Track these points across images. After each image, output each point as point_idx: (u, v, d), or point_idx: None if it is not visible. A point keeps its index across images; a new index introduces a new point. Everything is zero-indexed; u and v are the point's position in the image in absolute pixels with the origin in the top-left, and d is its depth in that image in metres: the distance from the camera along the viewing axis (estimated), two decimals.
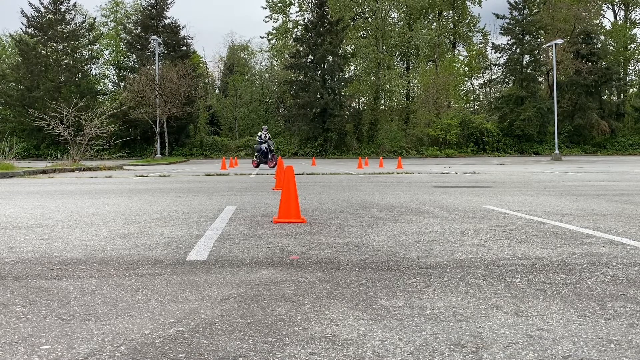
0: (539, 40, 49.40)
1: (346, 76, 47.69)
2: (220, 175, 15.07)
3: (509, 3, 50.27)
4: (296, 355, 1.82)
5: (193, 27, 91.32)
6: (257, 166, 21.36)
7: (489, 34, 57.77)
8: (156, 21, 47.03)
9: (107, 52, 54.80)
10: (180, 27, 47.52)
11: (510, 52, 50.67)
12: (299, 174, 14.67)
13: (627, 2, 55.02)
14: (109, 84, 54.73)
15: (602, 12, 54.86)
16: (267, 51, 56.82)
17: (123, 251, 3.69)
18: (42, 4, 45.74)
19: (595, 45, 50.09)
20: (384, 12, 51.96)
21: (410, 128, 49.04)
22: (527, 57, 50.21)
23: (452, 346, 1.90)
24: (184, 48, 47.24)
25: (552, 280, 2.85)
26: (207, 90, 54.97)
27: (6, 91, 45.75)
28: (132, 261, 3.36)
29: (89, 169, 18.71)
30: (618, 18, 56.47)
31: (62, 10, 46.56)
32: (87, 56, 48.90)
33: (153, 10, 47.36)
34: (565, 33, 46.72)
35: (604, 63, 50.10)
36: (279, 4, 54.03)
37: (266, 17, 54.67)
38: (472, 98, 58.37)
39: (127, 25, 49.54)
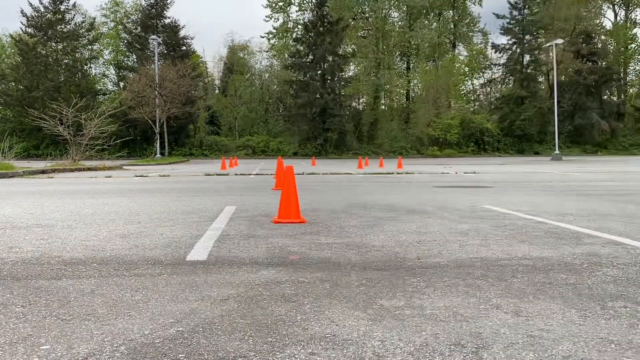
0: (539, 40, 49.42)
1: (346, 76, 47.70)
2: (220, 175, 15.06)
3: (509, 3, 50.31)
4: (296, 355, 1.82)
5: (193, 27, 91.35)
6: None
7: (489, 34, 57.80)
8: (156, 21, 47.04)
9: (106, 52, 54.80)
10: (180, 27, 47.56)
11: (510, 52, 50.71)
12: (299, 174, 14.66)
13: (628, 2, 55.00)
14: (109, 83, 54.76)
15: (602, 12, 54.91)
16: (266, 51, 56.86)
17: (123, 251, 3.68)
18: (41, 3, 45.74)
19: (596, 45, 50.11)
20: (384, 11, 51.96)
21: (411, 128, 49.04)
22: (527, 57, 50.25)
23: (452, 346, 1.89)
24: (184, 48, 47.24)
25: (553, 281, 2.85)
26: (207, 90, 54.96)
27: (6, 91, 45.75)
28: (132, 261, 3.36)
29: (89, 169, 18.71)
30: (618, 18, 56.48)
31: (62, 10, 46.56)
32: (86, 56, 48.91)
33: (153, 10, 47.37)
34: (566, 33, 46.73)
35: (604, 63, 50.14)
36: (280, 3, 54.02)
37: (266, 16, 54.75)
38: (472, 98, 58.38)
39: (126, 25, 49.55)
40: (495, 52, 52.66)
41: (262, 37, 59.51)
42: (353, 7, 51.62)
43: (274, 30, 54.53)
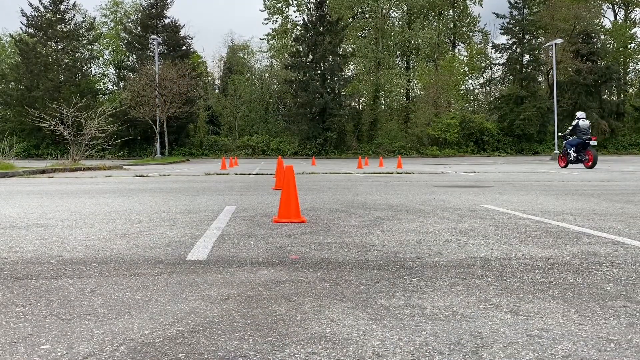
0: (539, 39, 49.42)
1: (346, 76, 47.69)
2: (220, 175, 15.07)
3: (509, 2, 50.29)
4: (296, 355, 1.82)
5: (193, 26, 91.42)
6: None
7: (489, 34, 57.82)
8: (156, 21, 47.06)
9: (106, 51, 54.86)
10: (180, 27, 47.55)
11: (510, 51, 50.71)
12: (299, 174, 14.67)
13: (627, 1, 54.98)
14: (109, 83, 54.84)
15: (602, 11, 54.87)
16: (265, 52, 56.87)
17: (123, 251, 3.69)
18: (41, 3, 45.77)
19: (595, 44, 50.07)
20: (383, 11, 51.96)
21: (410, 128, 49.03)
22: (527, 57, 50.24)
23: (452, 346, 1.90)
24: (184, 48, 47.26)
25: (552, 280, 2.85)
26: (206, 89, 54.96)
27: (6, 91, 45.79)
28: (132, 261, 3.36)
29: (89, 169, 18.71)
30: (618, 17, 56.46)
31: (62, 9, 46.60)
32: (86, 56, 48.94)
33: (153, 9, 47.37)
34: (565, 32, 46.69)
35: (604, 62, 50.09)
36: (277, 5, 54.00)
37: (265, 19, 54.70)
38: (471, 98, 58.37)
39: (126, 24, 49.57)
40: (495, 52, 52.70)
41: (262, 40, 59.57)
42: (353, 7, 51.60)
43: (273, 32, 54.51)
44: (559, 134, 20.67)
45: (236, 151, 45.40)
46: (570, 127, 18.91)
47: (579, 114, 19.12)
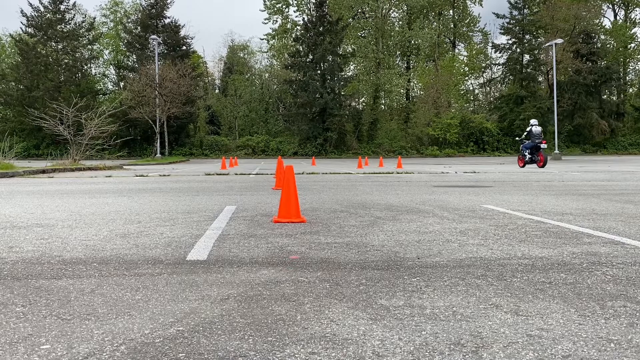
0: (539, 39, 49.43)
1: (346, 76, 47.69)
2: (220, 175, 15.07)
3: (509, 2, 50.32)
4: (296, 355, 1.82)
5: (193, 26, 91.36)
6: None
7: (489, 34, 57.82)
8: (156, 21, 47.04)
9: (107, 51, 54.84)
10: (180, 27, 47.53)
11: (510, 51, 50.72)
12: (299, 174, 14.66)
13: (627, 1, 54.97)
14: (109, 83, 54.82)
15: (602, 11, 54.86)
16: (265, 52, 56.87)
17: (123, 251, 3.69)
18: (41, 3, 45.75)
19: (595, 44, 50.07)
20: (383, 11, 51.95)
21: (410, 128, 49.03)
22: (527, 57, 50.25)
23: (452, 346, 1.90)
24: (184, 48, 47.24)
25: (552, 280, 2.85)
26: (206, 89, 54.95)
27: (6, 91, 45.77)
28: (132, 261, 3.36)
29: (89, 169, 18.71)
30: (618, 17, 56.45)
31: (62, 9, 46.59)
32: (86, 56, 48.92)
33: (153, 9, 47.35)
34: (565, 32, 46.68)
35: (604, 62, 50.09)
36: (277, 5, 54.00)
37: (265, 19, 54.70)
38: (471, 98, 58.37)
39: (126, 24, 49.54)
40: (495, 52, 52.74)
41: (262, 39, 59.57)
42: (353, 7, 51.60)
43: (273, 32, 54.51)
44: (516, 139, 23.14)
45: (236, 151, 45.39)
46: (525, 133, 20.78)
47: (532, 121, 20.95)
